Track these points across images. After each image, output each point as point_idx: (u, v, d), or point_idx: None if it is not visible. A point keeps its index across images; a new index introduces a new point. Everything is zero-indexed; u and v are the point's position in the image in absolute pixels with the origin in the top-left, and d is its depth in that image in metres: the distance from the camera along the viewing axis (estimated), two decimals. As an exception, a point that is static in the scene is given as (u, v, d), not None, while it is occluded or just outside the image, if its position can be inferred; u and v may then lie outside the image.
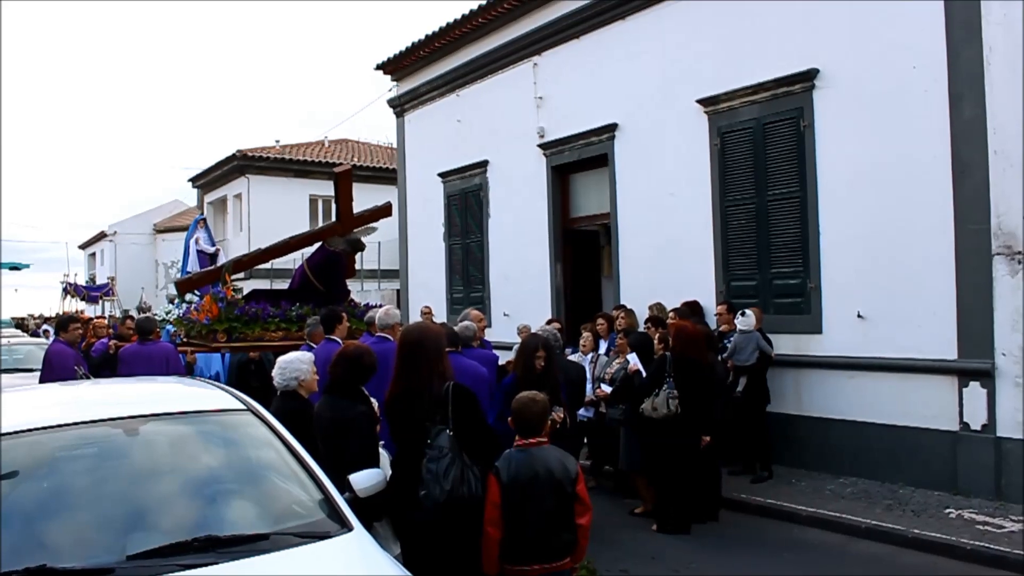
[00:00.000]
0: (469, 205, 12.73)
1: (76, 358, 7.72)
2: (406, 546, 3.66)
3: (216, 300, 7.42)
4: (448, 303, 13.08)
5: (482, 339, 6.87)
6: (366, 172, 20.86)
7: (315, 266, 8.18)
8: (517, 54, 11.55)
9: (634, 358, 6.79)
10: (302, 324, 7.38)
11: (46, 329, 18.76)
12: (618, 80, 9.88)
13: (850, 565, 5.51)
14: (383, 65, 14.50)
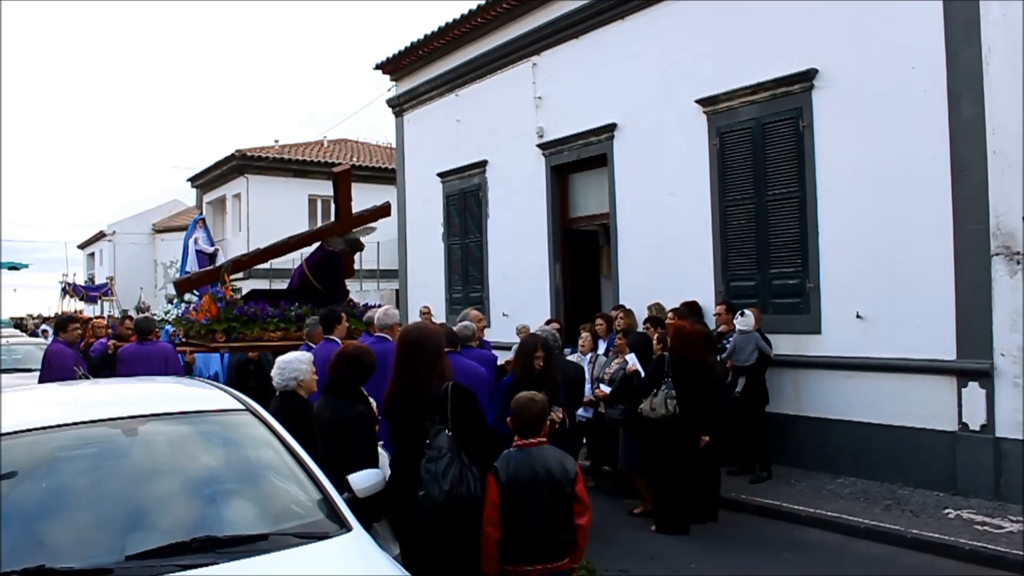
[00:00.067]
0: (468, 205, 12.72)
1: (75, 358, 7.72)
2: (405, 546, 3.66)
3: (215, 300, 7.42)
4: (447, 303, 13.08)
5: (481, 339, 6.87)
6: (365, 172, 20.84)
7: (314, 266, 8.18)
8: (516, 54, 11.55)
9: (633, 358, 6.80)
10: (301, 324, 7.38)
11: (45, 329, 18.74)
12: (617, 80, 9.88)
13: (849, 565, 5.52)
14: (382, 65, 14.49)
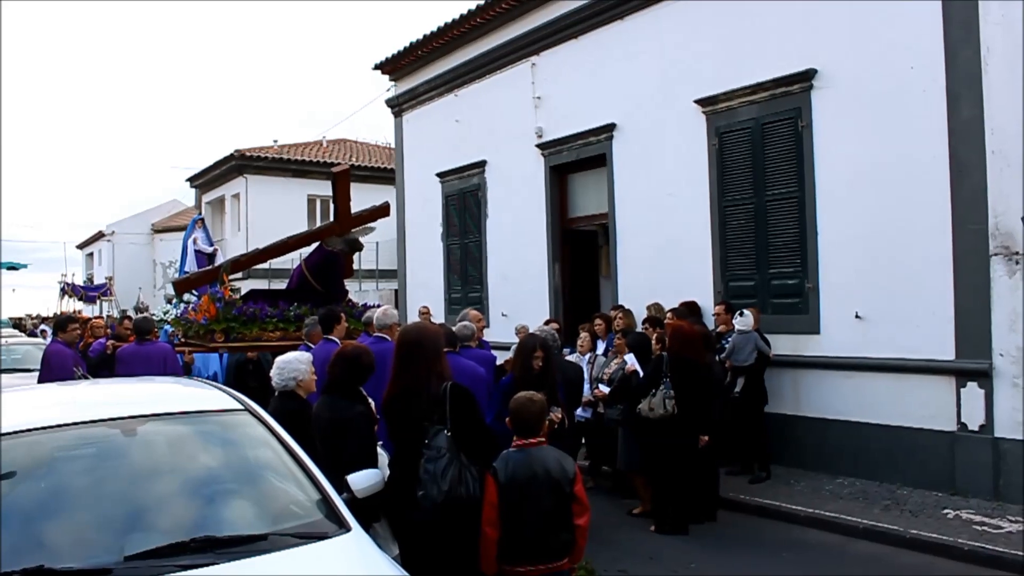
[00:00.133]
0: (467, 205, 12.72)
1: (74, 358, 7.71)
2: (404, 546, 3.66)
3: (214, 300, 7.41)
4: (446, 303, 13.08)
5: (480, 339, 6.87)
6: (364, 172, 20.84)
7: (313, 266, 8.18)
8: (515, 54, 11.55)
9: (632, 358, 6.80)
10: (300, 324, 7.38)
11: (44, 329, 18.72)
12: (617, 80, 9.88)
13: (848, 565, 5.52)
14: (381, 65, 14.50)
